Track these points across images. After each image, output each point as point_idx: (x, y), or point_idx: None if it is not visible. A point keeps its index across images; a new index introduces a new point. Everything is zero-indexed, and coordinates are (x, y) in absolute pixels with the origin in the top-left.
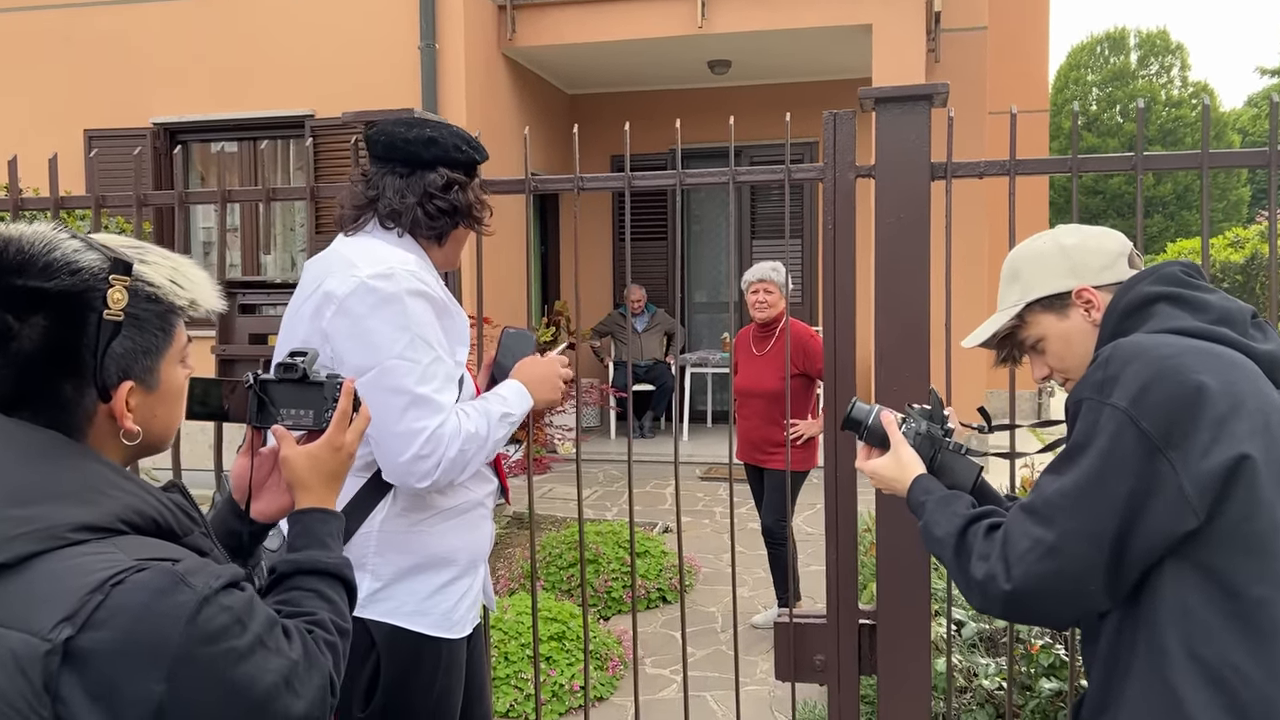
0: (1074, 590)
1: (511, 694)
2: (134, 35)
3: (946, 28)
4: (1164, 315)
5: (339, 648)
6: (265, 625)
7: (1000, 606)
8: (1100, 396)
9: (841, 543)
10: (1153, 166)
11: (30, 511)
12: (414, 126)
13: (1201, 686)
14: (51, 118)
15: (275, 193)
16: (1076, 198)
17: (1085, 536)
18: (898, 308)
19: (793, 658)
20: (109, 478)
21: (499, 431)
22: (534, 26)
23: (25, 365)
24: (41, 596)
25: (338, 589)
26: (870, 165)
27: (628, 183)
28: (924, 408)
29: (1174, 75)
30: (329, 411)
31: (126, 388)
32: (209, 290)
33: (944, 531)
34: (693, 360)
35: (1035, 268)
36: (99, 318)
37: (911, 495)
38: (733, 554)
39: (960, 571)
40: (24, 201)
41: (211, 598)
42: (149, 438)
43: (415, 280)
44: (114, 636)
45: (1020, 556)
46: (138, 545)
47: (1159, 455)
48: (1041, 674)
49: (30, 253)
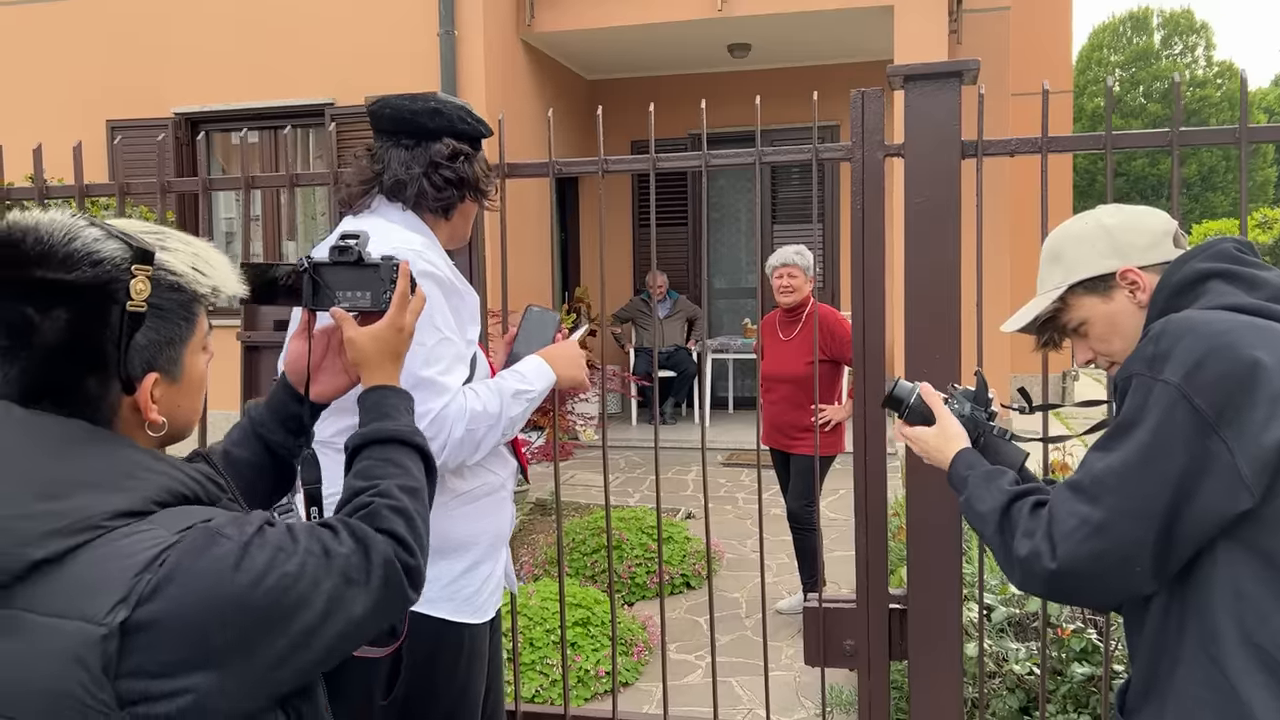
0: (1120, 570)
1: (537, 680)
2: (155, 25)
3: (969, 8)
4: (1217, 292)
5: (408, 509)
6: (308, 539)
7: (1043, 585)
8: (1151, 372)
9: (871, 527)
10: (1189, 143)
11: (64, 505)
12: (418, 99)
13: (1256, 671)
14: (75, 108)
15: (298, 178)
16: (1111, 176)
17: (1134, 515)
18: (927, 289)
19: (822, 643)
20: (139, 460)
21: (514, 409)
22: (553, 12)
23: (47, 358)
24: (91, 585)
25: (407, 453)
26: (899, 144)
27: (652, 164)
28: (967, 389)
29: (1198, 55)
30: (386, 293)
31: (151, 379)
32: (230, 276)
33: (987, 507)
34: (714, 346)
35: (1077, 249)
36: (122, 309)
37: (955, 469)
38: (760, 538)
39: (1003, 548)
40: (50, 190)
41: (250, 541)
42: (173, 428)
43: (421, 261)
44: (169, 606)
45: (1066, 534)
46: (174, 517)
47: (1212, 433)
48: (1074, 658)
49: (50, 243)
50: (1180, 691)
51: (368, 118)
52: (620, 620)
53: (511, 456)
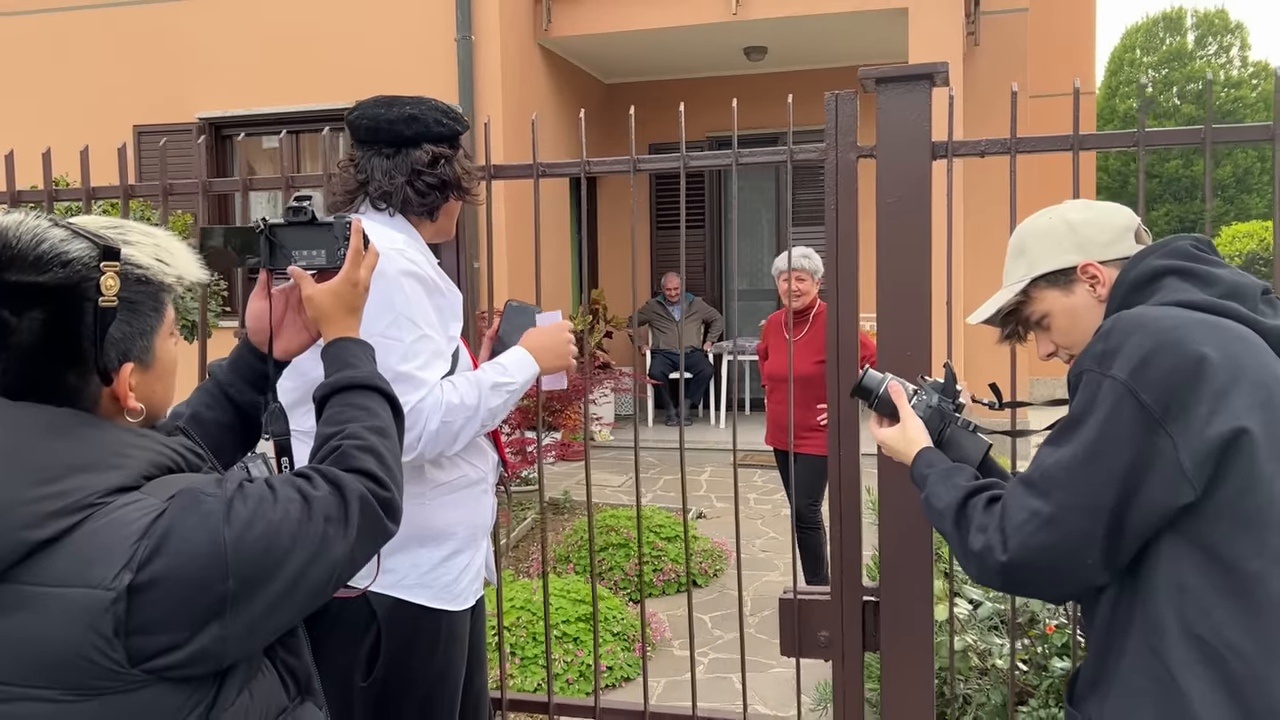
0: (1070, 563)
1: (540, 673)
2: (179, 32)
3: (986, 10)
4: (1171, 288)
5: (375, 446)
6: (285, 490)
7: (996, 578)
8: (1101, 368)
9: (845, 519)
10: (1222, 140)
11: (61, 486)
12: (393, 105)
13: (1195, 663)
14: (102, 113)
15: (333, 179)
16: (1143, 175)
17: (1082, 509)
18: (898, 286)
19: (797, 633)
20: (124, 439)
21: (493, 400)
22: (569, 16)
23: (26, 358)
24: (93, 555)
25: (370, 396)
26: (871, 146)
27: (683, 163)
28: (935, 380)
29: (1233, 55)
30: (341, 250)
31: (128, 369)
32: (191, 263)
33: (944, 503)
34: (729, 348)
35: (1041, 243)
36: (94, 305)
37: (915, 467)
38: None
39: (959, 543)
40: (58, 193)
41: (233, 496)
42: (150, 411)
43: (403, 259)
44: (168, 563)
45: (1017, 528)
46: (161, 487)
47: (1158, 428)
48: (1054, 654)
49: (18, 247)
50: (1124, 681)
51: (345, 127)
52: (624, 616)
53: (492, 450)
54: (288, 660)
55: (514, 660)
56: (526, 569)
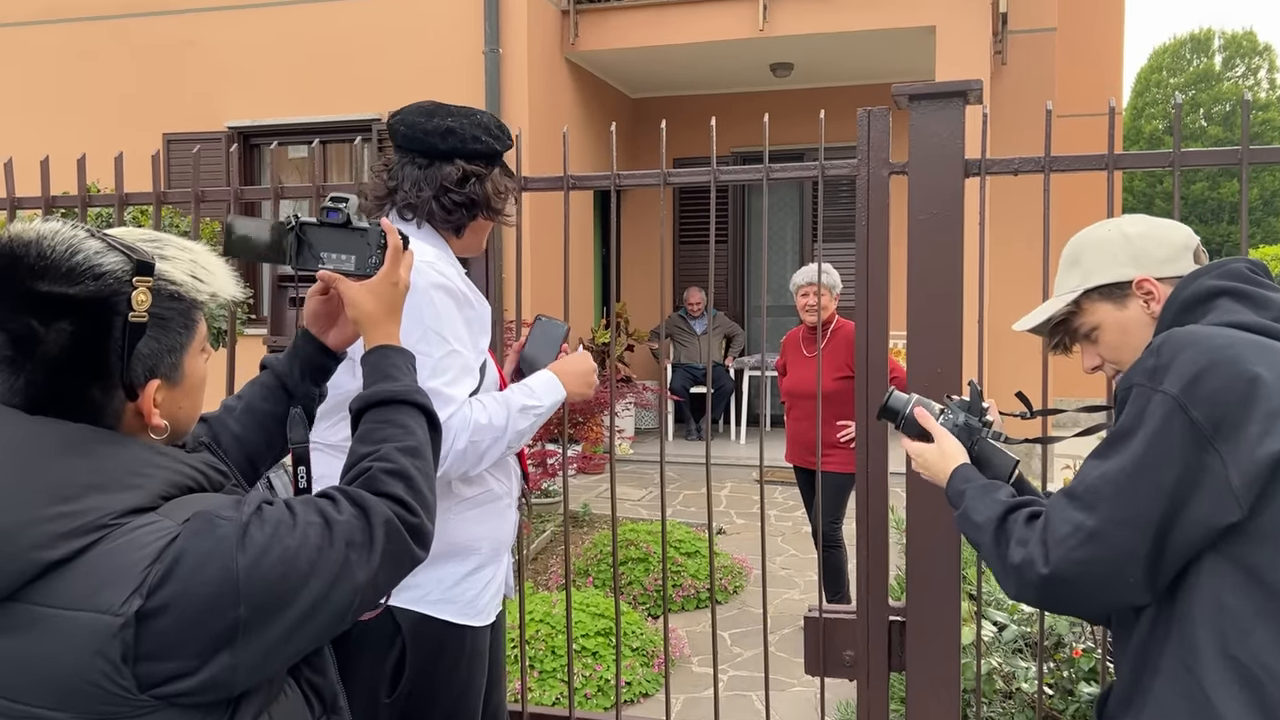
0: (1113, 579)
1: (558, 687)
2: (210, 42)
3: (1014, 29)
4: (1224, 309)
5: (406, 470)
6: (306, 513)
7: (1035, 592)
8: (1151, 383)
9: (872, 538)
10: (1259, 161)
11: (78, 506)
12: (434, 115)
13: (1231, 684)
14: (132, 121)
15: (365, 186)
16: (1179, 196)
17: (1128, 524)
18: (929, 304)
19: (822, 653)
20: (144, 457)
21: (521, 423)
22: (596, 31)
23: (52, 369)
24: (104, 578)
25: (408, 411)
26: (903, 162)
27: (714, 177)
28: (962, 399)
29: (1261, 78)
30: (373, 258)
31: (154, 386)
32: (227, 280)
33: (983, 517)
34: (751, 363)
35: (1097, 254)
36: (124, 320)
37: (952, 483)
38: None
39: (998, 558)
40: (91, 198)
41: (250, 520)
42: (175, 428)
43: (434, 273)
44: (179, 590)
45: (1060, 540)
46: (178, 508)
47: (1208, 445)
48: (1082, 678)
49: (52, 257)
50: (1157, 700)
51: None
52: (643, 632)
53: (515, 465)
54: (313, 679)
55: (532, 674)
56: (545, 581)
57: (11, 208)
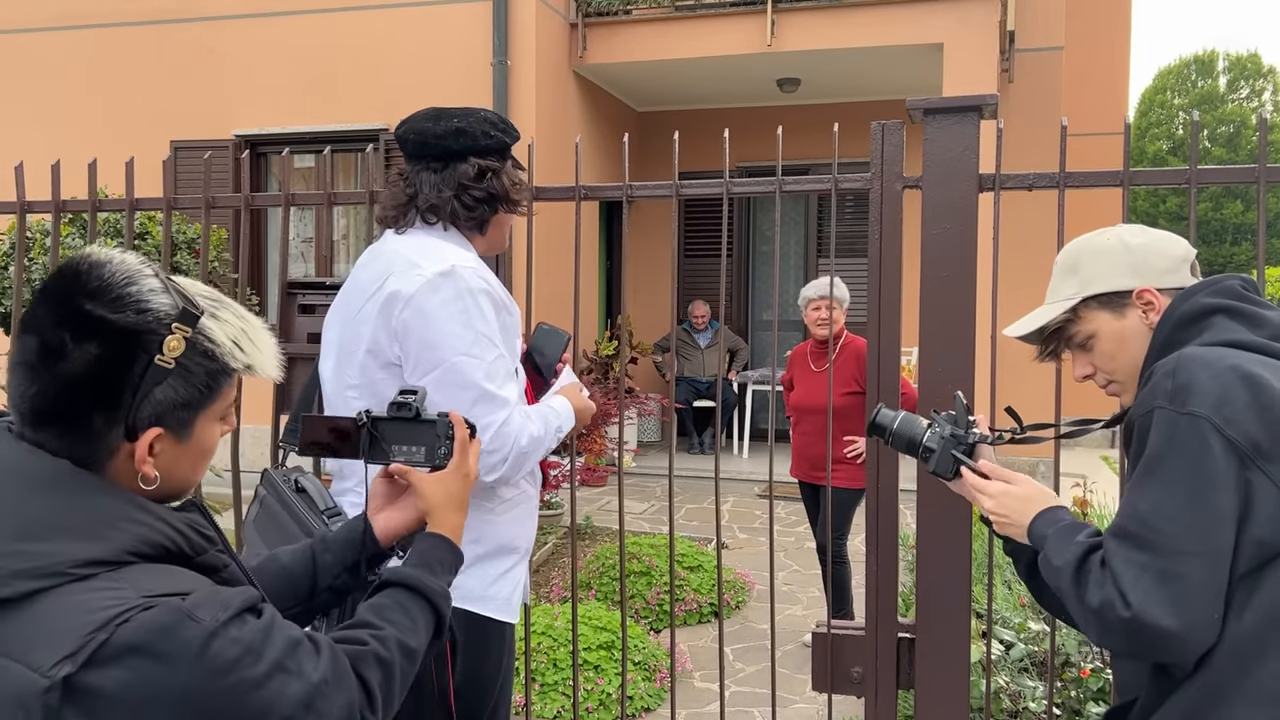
0: (1204, 614)
1: (560, 700)
2: (218, 51)
3: (1021, 48)
4: (1220, 327)
5: (395, 666)
6: (284, 648)
7: (1120, 635)
8: (1175, 406)
9: (882, 555)
10: (1276, 179)
11: (37, 547)
12: (441, 119)
13: (1262, 705)
14: (140, 129)
15: (376, 195)
16: (1195, 213)
17: (1201, 555)
18: (943, 319)
19: (830, 669)
20: (120, 509)
21: (553, 441)
22: (604, 44)
23: (65, 386)
24: (44, 632)
25: (424, 611)
26: (917, 176)
27: (725, 189)
28: (949, 413)
29: (1266, 99)
30: (441, 448)
31: (153, 434)
32: (271, 359)
33: (1063, 560)
34: (755, 378)
35: (1096, 262)
36: (150, 360)
37: (1036, 527)
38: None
39: (1078, 601)
40: (101, 203)
41: (220, 630)
42: (167, 485)
43: (478, 278)
44: (121, 675)
45: (1132, 584)
46: (146, 577)
47: (1250, 464)
48: (1090, 697)
49: (108, 282)
50: None
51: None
52: (645, 646)
53: (538, 470)
54: None
55: (534, 687)
56: (547, 594)
57: (22, 211)
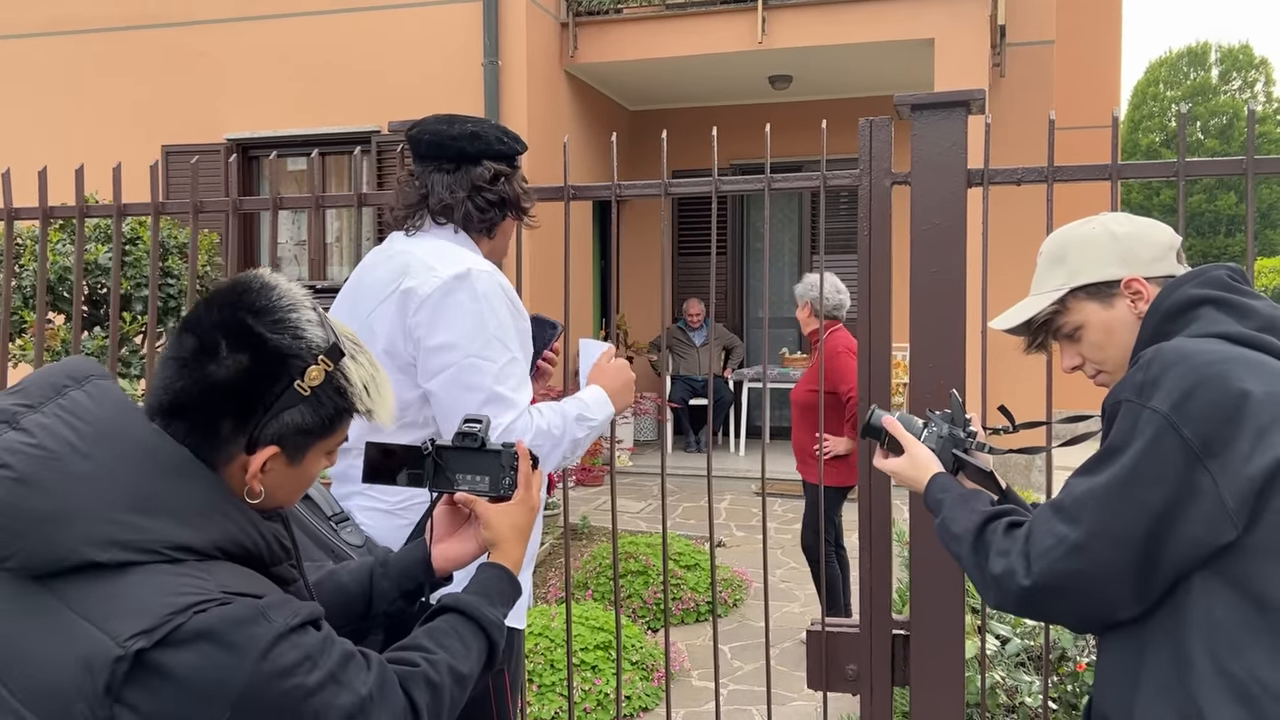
0: (1095, 591)
1: (557, 701)
2: (208, 55)
3: (1012, 42)
4: (1208, 319)
5: (444, 690)
6: (338, 661)
7: (1015, 602)
8: (1140, 399)
9: (875, 551)
10: (1264, 171)
11: (145, 522)
12: (455, 123)
13: (1226, 702)
14: (130, 133)
15: (365, 198)
16: (1184, 206)
17: (1112, 538)
18: (932, 314)
19: (824, 666)
20: (220, 505)
21: (578, 432)
22: (596, 43)
23: (209, 387)
24: (127, 604)
25: (479, 639)
26: (906, 172)
27: (715, 187)
28: (945, 411)
29: (1258, 91)
30: (505, 478)
31: (270, 451)
32: (390, 410)
33: (962, 528)
34: (751, 375)
35: (1083, 252)
36: (290, 383)
37: (930, 493)
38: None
39: (977, 568)
40: (89, 209)
41: (286, 634)
42: (266, 503)
43: (493, 281)
44: (190, 659)
45: (1042, 553)
46: (229, 574)
47: (1198, 464)
48: (1086, 692)
49: (274, 304)
50: (1147, 714)
51: (407, 143)
52: (643, 645)
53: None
54: None
55: (531, 688)
56: (543, 595)
57: (9, 218)
